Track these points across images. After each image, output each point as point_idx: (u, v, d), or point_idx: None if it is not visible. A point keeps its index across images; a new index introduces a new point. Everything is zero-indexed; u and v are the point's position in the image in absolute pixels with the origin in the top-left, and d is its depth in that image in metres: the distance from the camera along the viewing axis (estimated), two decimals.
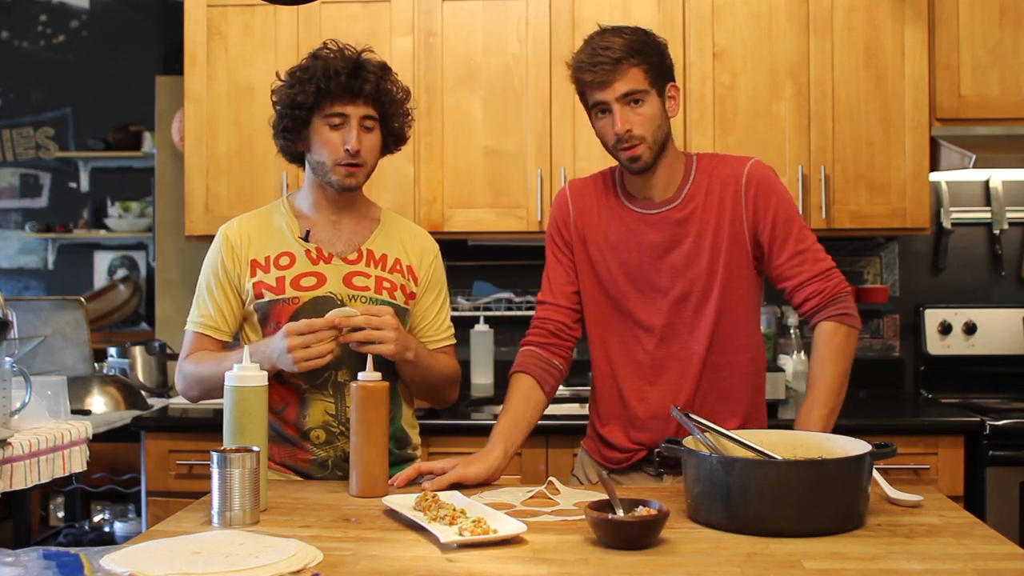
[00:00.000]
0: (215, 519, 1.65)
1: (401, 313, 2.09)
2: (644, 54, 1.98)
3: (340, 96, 2.00)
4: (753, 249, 2.05)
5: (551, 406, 2.37)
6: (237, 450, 1.67)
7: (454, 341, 2.22)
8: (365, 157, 2.04)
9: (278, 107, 2.06)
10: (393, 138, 2.12)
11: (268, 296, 2.05)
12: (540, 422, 2.11)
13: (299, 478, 2.06)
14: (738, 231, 2.03)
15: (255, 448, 1.69)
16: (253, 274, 2.06)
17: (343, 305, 2.03)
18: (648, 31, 2.04)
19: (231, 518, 1.64)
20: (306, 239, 2.08)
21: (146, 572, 1.35)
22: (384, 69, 2.06)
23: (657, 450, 2.06)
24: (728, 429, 1.81)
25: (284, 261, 2.07)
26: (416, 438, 2.20)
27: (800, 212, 2.12)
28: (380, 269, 2.10)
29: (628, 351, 2.08)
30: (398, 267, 2.12)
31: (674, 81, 2.06)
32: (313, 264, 2.07)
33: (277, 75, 2.09)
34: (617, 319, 2.09)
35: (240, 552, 1.43)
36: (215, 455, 1.66)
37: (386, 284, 2.09)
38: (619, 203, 2.09)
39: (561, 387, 2.28)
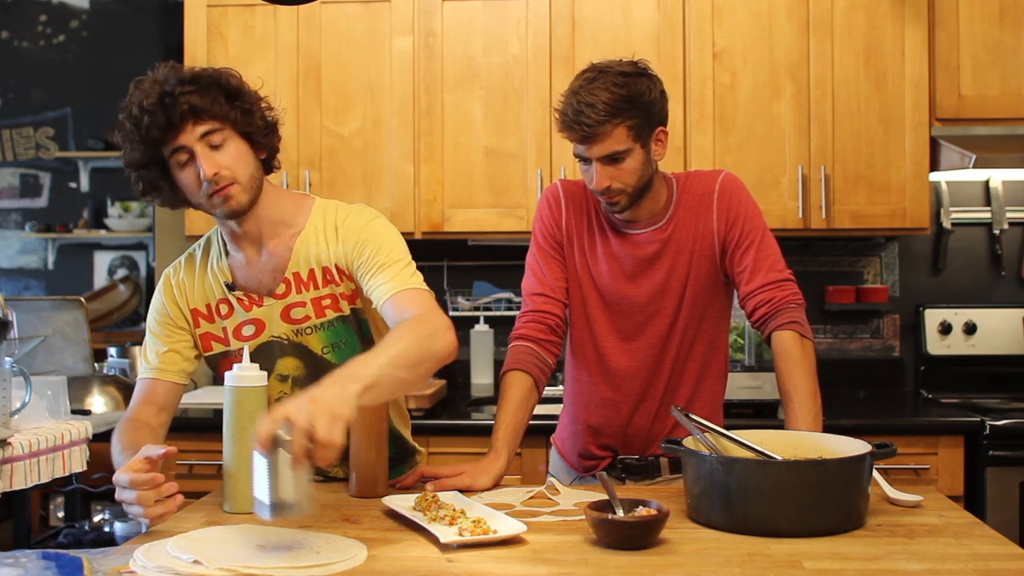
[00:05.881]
0: (266, 512, 1.42)
1: (350, 320, 1.91)
2: (629, 111, 1.92)
3: (165, 134, 1.76)
4: (721, 258, 2.06)
5: (553, 406, 2.36)
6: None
7: (409, 286, 1.81)
8: (232, 173, 1.78)
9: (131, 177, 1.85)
10: (258, 132, 1.83)
11: (218, 348, 1.93)
12: (541, 422, 2.12)
13: None
14: (710, 243, 2.05)
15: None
16: (197, 324, 1.93)
17: (292, 344, 1.88)
18: (642, 72, 1.97)
19: (284, 509, 1.42)
20: (232, 288, 1.91)
21: (211, 561, 1.37)
22: (195, 76, 1.78)
23: (620, 457, 2.11)
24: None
25: (224, 309, 1.92)
26: (411, 440, 2.14)
27: (767, 223, 2.09)
28: (312, 289, 1.89)
29: (600, 359, 2.10)
30: (329, 276, 1.89)
31: (664, 124, 2.01)
32: (247, 311, 1.91)
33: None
34: (592, 326, 2.10)
35: (303, 547, 1.46)
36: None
37: (325, 302, 1.89)
38: (605, 219, 2.10)
39: (562, 387, 2.28)
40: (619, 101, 1.91)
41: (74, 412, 2.56)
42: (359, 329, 1.93)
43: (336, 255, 1.88)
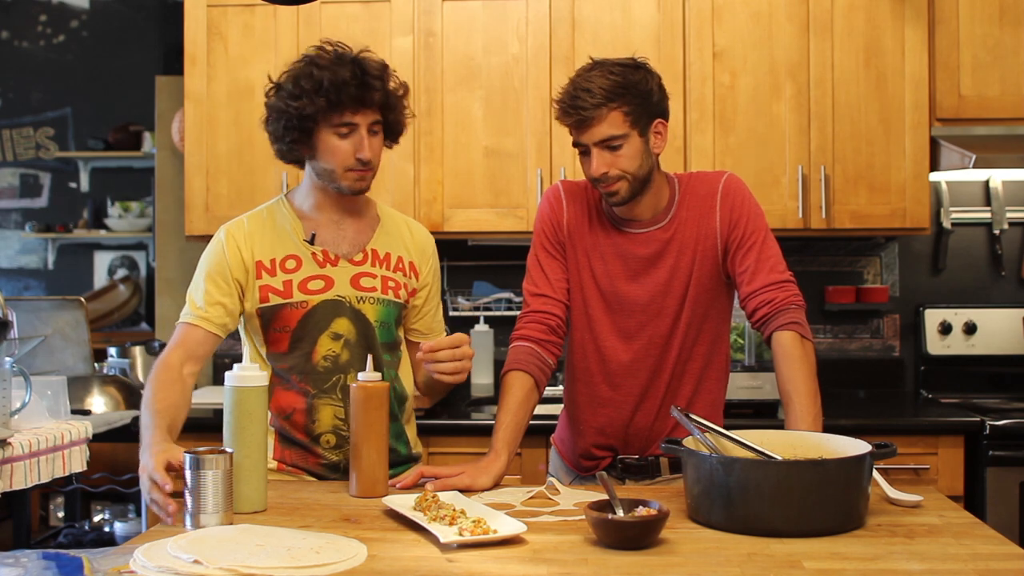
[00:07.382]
0: (188, 522, 1.65)
1: (399, 309, 2.12)
2: (625, 97, 1.95)
3: (349, 106, 1.97)
4: (723, 259, 2.06)
5: (553, 406, 2.36)
6: (210, 452, 1.67)
7: (447, 331, 2.25)
8: (375, 161, 2.03)
9: (280, 115, 2.00)
10: (393, 134, 2.11)
11: (275, 300, 2.02)
12: (541, 422, 2.11)
13: (311, 478, 2.06)
14: (713, 244, 2.06)
15: (228, 450, 1.70)
16: (259, 276, 2.03)
17: (351, 308, 2.03)
18: (640, 65, 2.01)
19: (204, 520, 1.64)
20: (312, 242, 2.06)
21: (211, 561, 1.38)
22: (385, 71, 2.03)
23: (620, 457, 2.11)
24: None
25: (291, 264, 2.04)
26: (416, 441, 2.20)
27: (769, 224, 2.10)
28: (385, 268, 2.09)
29: (601, 358, 2.10)
30: (400, 265, 2.12)
31: (664, 118, 2.03)
32: (320, 267, 2.05)
33: (269, 78, 2.05)
34: (594, 326, 2.10)
35: (303, 546, 1.46)
36: (188, 457, 1.66)
37: (391, 283, 2.09)
38: (607, 219, 2.10)
39: (562, 388, 2.28)
40: (615, 87, 1.94)
41: (74, 412, 2.57)
42: (396, 320, 2.12)
43: (410, 253, 2.15)
